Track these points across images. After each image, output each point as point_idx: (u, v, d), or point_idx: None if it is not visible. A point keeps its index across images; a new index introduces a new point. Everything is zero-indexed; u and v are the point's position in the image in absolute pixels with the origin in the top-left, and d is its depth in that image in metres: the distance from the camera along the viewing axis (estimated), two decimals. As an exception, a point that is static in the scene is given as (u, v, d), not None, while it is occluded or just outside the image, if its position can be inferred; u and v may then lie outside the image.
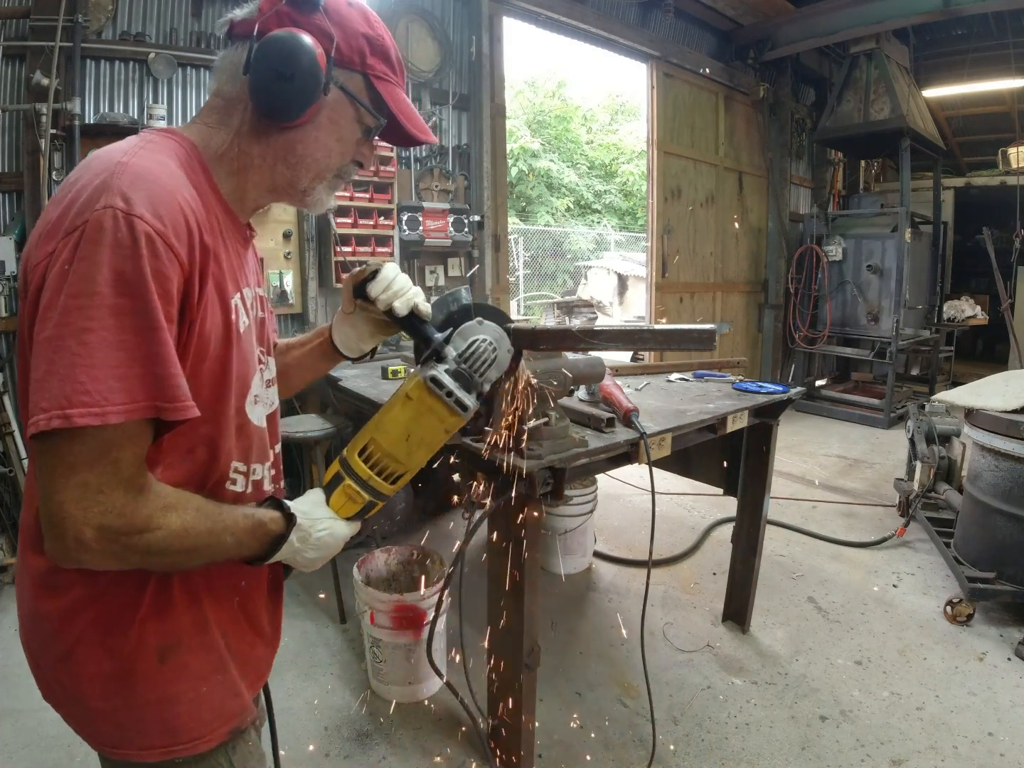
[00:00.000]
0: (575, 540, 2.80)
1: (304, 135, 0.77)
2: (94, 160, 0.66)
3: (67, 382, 0.56)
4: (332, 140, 0.79)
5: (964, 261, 8.29)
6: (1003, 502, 2.41)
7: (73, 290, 0.57)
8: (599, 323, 5.89)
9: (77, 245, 0.58)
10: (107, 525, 0.59)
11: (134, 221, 0.59)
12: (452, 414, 0.79)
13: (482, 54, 3.75)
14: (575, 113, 13.75)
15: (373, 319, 0.94)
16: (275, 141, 0.77)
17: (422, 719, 1.92)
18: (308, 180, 0.80)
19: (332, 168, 0.81)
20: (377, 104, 0.79)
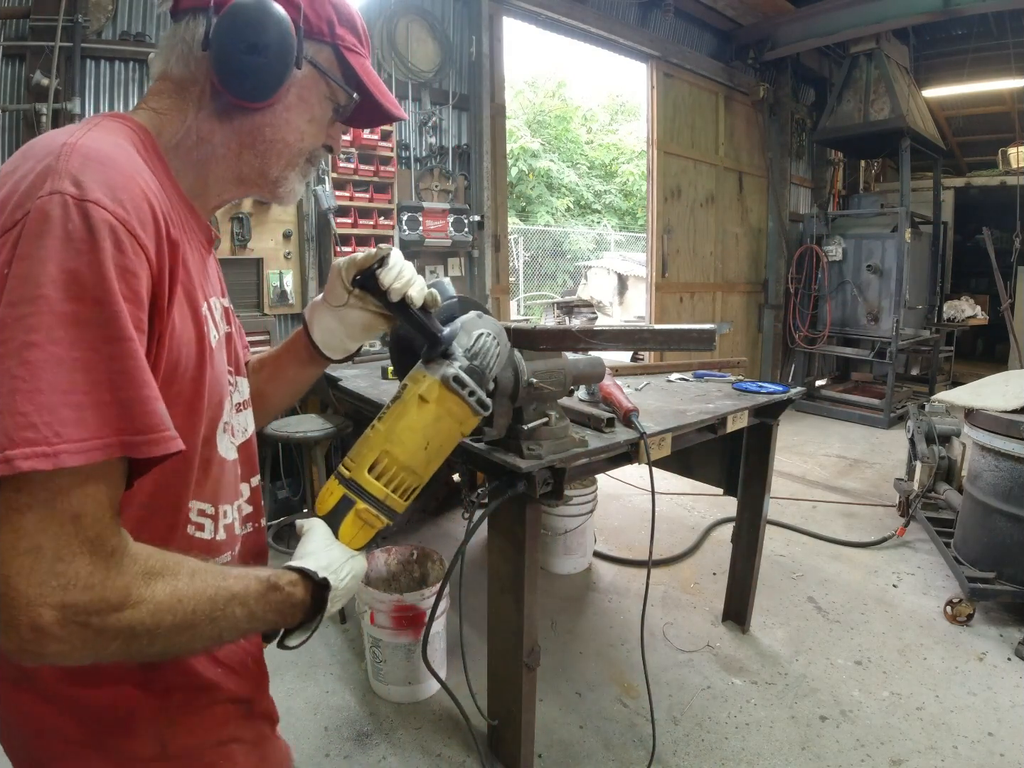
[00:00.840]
0: (575, 540, 2.80)
1: (273, 117, 0.68)
2: (34, 146, 0.54)
3: (5, 414, 0.43)
4: (303, 121, 0.70)
5: (964, 261, 8.30)
6: (1003, 502, 2.41)
7: (12, 297, 0.45)
8: (599, 323, 5.90)
9: (16, 243, 0.47)
10: (71, 603, 0.45)
11: (89, 208, 0.48)
12: (473, 414, 0.74)
13: (482, 54, 3.75)
14: (575, 113, 13.76)
15: (367, 312, 0.83)
16: (240, 125, 0.67)
17: (422, 719, 1.92)
18: (280, 168, 0.71)
19: (304, 152, 0.72)
20: (349, 78, 0.71)
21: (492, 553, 1.59)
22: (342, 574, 0.66)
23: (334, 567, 0.66)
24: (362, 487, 0.70)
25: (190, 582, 0.52)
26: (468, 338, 0.76)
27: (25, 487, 0.44)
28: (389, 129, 3.36)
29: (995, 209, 6.91)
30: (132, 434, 0.47)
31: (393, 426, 0.72)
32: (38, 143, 0.55)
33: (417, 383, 0.73)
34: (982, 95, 6.87)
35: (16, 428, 0.43)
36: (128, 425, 0.47)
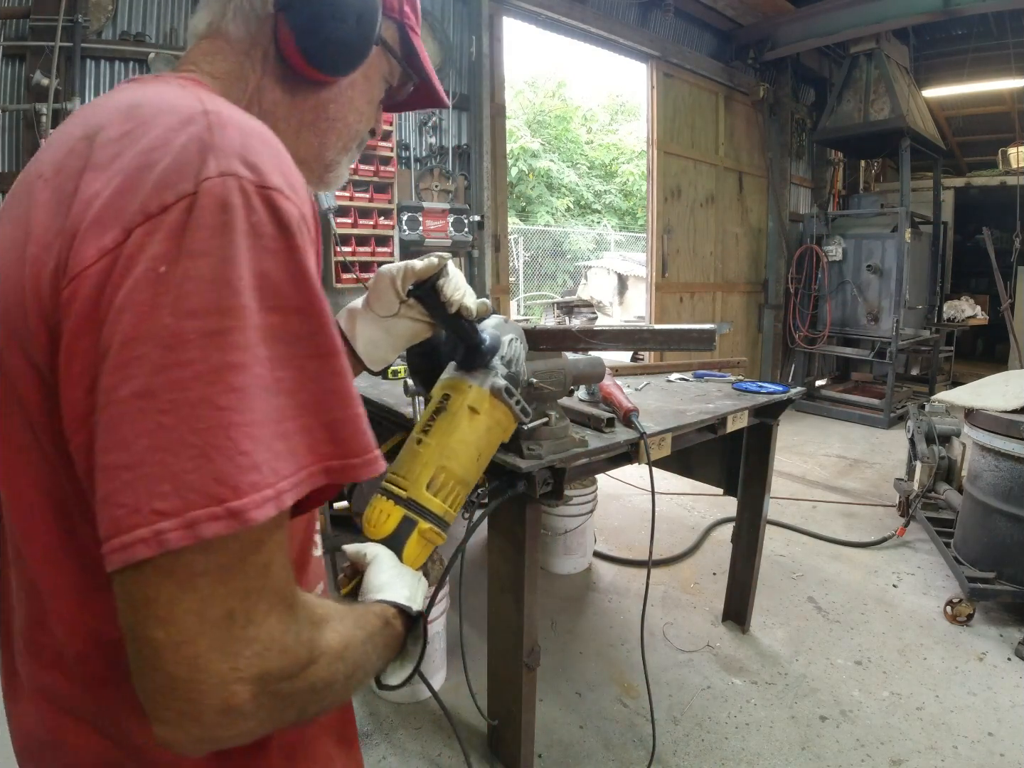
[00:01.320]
0: (575, 540, 2.80)
1: (339, 94, 0.61)
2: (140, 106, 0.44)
3: (219, 456, 0.35)
4: (364, 101, 0.64)
5: (964, 261, 8.30)
6: (1003, 502, 2.41)
7: (190, 305, 0.36)
8: (599, 323, 5.89)
9: (177, 234, 0.37)
10: (268, 671, 0.37)
11: (275, 198, 0.40)
12: (516, 422, 0.73)
13: (482, 54, 3.75)
14: (575, 113, 13.76)
15: (416, 322, 0.77)
16: (304, 101, 0.59)
17: (422, 719, 1.92)
18: (336, 151, 0.64)
19: (360, 136, 0.66)
20: (414, 60, 0.66)
21: (492, 553, 1.59)
22: (420, 601, 0.63)
23: (415, 595, 0.62)
24: (423, 506, 0.67)
25: (342, 625, 0.46)
26: (500, 345, 0.75)
27: (220, 544, 0.35)
28: (389, 128, 3.36)
29: (995, 209, 6.92)
30: (340, 458, 0.41)
31: (446, 440, 0.69)
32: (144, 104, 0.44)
33: (463, 394, 0.70)
34: (982, 95, 6.87)
35: (239, 471, 0.35)
36: (335, 449, 0.41)
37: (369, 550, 0.64)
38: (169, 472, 0.34)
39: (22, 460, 0.45)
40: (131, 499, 0.34)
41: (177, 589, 0.35)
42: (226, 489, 0.34)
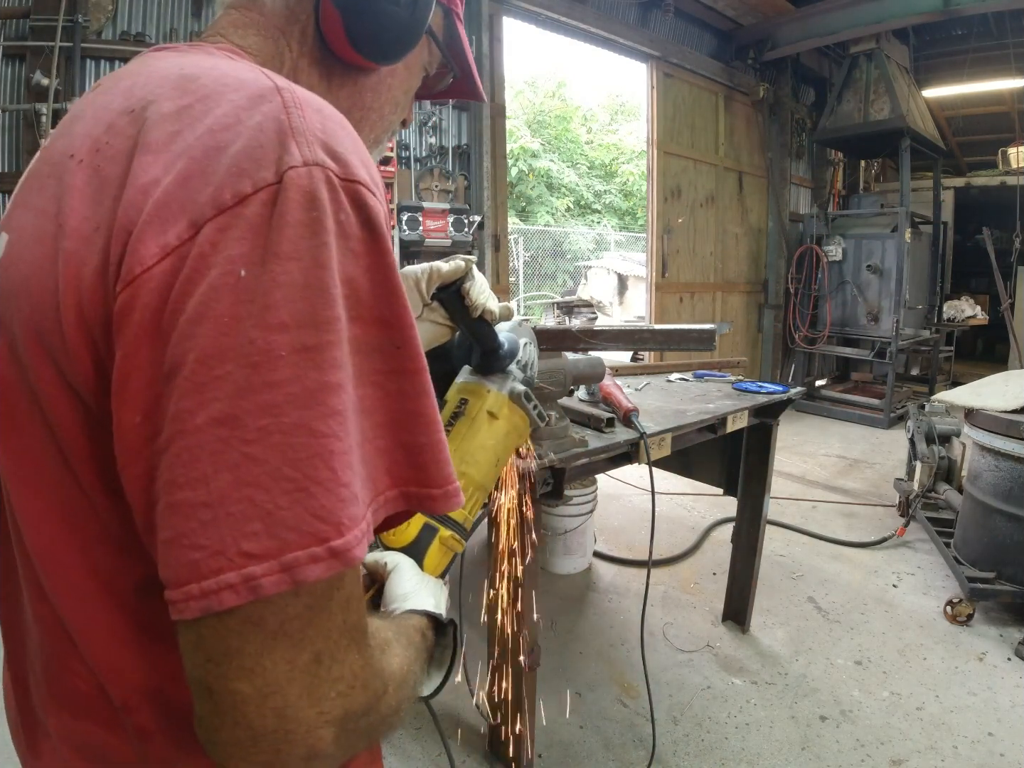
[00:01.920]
0: (575, 540, 2.80)
1: (378, 83, 0.56)
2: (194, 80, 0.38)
3: (321, 489, 0.31)
4: (402, 92, 0.59)
5: (964, 261, 8.30)
6: (1003, 502, 2.41)
7: (281, 316, 0.31)
8: (599, 323, 5.90)
9: (266, 229, 0.32)
10: (351, 711, 0.34)
11: (361, 193, 0.35)
12: (532, 427, 0.71)
13: (482, 54, 3.75)
14: (575, 113, 13.76)
15: (436, 325, 0.74)
16: (340, 88, 0.53)
17: (422, 719, 1.91)
18: (370, 143, 0.58)
19: (390, 128, 0.61)
20: (458, 49, 0.61)
21: (492, 553, 1.59)
22: (443, 607, 0.59)
23: (440, 603, 0.58)
24: (444, 514, 0.65)
25: (399, 646, 0.43)
26: (516, 349, 0.73)
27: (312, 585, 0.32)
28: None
29: (995, 209, 6.92)
30: (419, 485, 0.37)
31: (466, 446, 0.67)
32: (199, 77, 0.38)
33: (482, 398, 0.69)
34: (982, 95, 6.87)
35: (342, 505, 0.32)
36: (415, 475, 0.37)
37: (389, 559, 0.59)
38: (260, 510, 0.30)
39: (43, 487, 0.40)
40: (213, 540, 0.30)
41: (268, 638, 0.31)
42: (328, 527, 0.31)
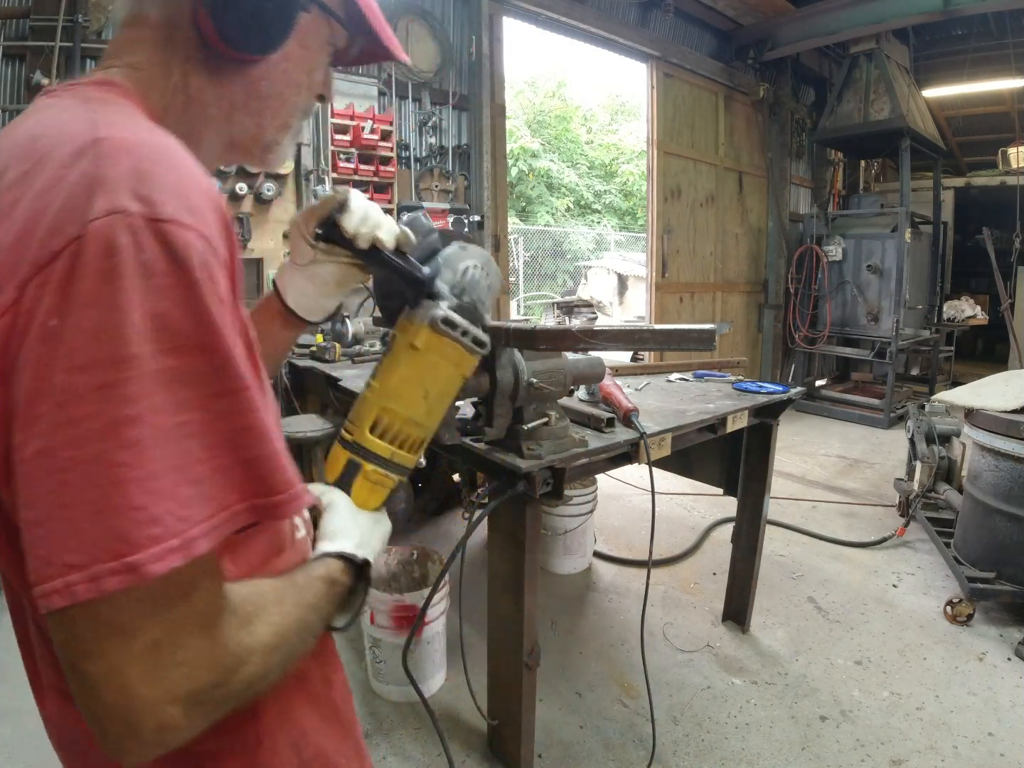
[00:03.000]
0: (575, 540, 2.80)
1: (270, 69, 0.56)
2: (36, 141, 0.42)
3: (115, 513, 0.35)
4: (302, 72, 0.59)
5: (964, 261, 8.30)
6: (1003, 502, 2.41)
7: (82, 359, 0.35)
8: (599, 323, 5.90)
9: (66, 285, 0.36)
10: (196, 689, 0.39)
11: (167, 230, 0.38)
12: (470, 354, 0.68)
13: (482, 54, 3.75)
14: (575, 113, 13.76)
15: (339, 265, 0.73)
16: (232, 81, 0.55)
17: (422, 719, 1.91)
18: (275, 130, 0.60)
19: (300, 108, 0.62)
20: (359, 20, 0.60)
21: (492, 553, 1.59)
22: (375, 544, 0.64)
23: (367, 540, 0.63)
24: (367, 448, 0.66)
25: (279, 610, 0.48)
26: (453, 273, 0.69)
27: (133, 591, 0.36)
28: (389, 129, 3.36)
29: (995, 209, 6.92)
30: (263, 496, 0.42)
31: (388, 381, 0.67)
32: (41, 137, 0.42)
33: (405, 332, 0.67)
34: (982, 95, 6.88)
35: (136, 526, 0.35)
36: (257, 488, 0.41)
37: (326, 496, 0.65)
38: (74, 528, 0.35)
39: None
40: (44, 552, 0.36)
41: (103, 629, 0.36)
42: (123, 545, 0.35)
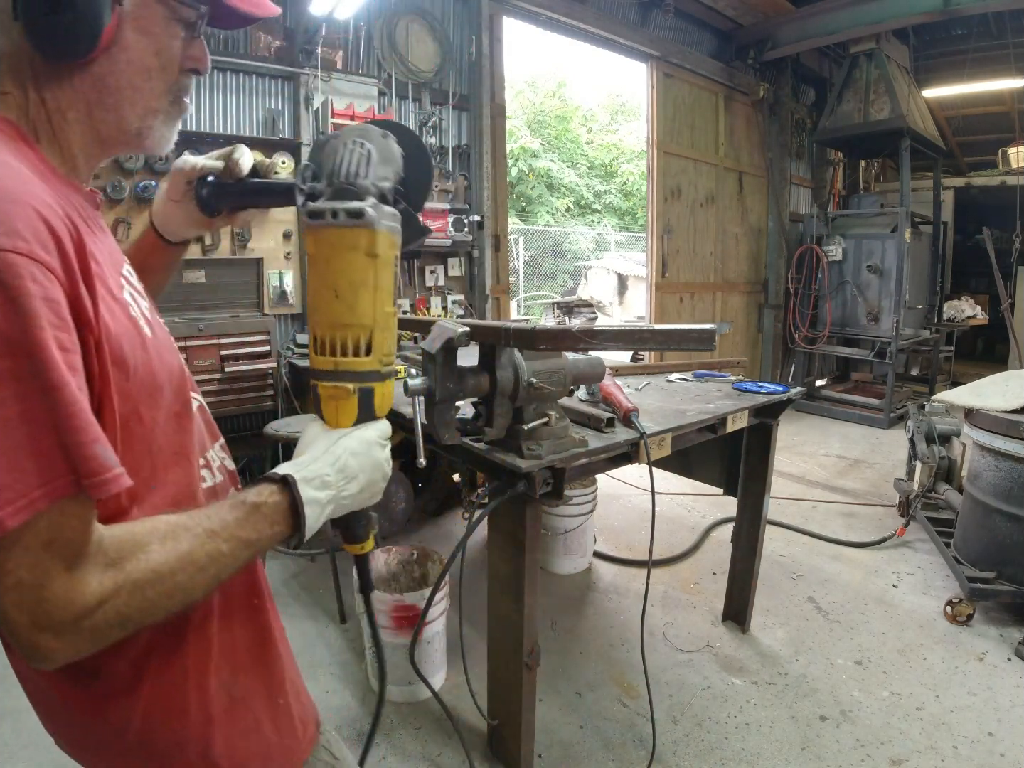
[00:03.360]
0: (575, 540, 2.80)
1: (111, 64, 0.60)
2: None
3: None
4: (149, 56, 0.62)
5: (964, 261, 8.30)
6: (1003, 502, 2.41)
7: None
8: (599, 323, 5.90)
9: None
10: (60, 621, 0.48)
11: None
12: (359, 230, 0.64)
13: (482, 54, 3.75)
14: (575, 113, 13.75)
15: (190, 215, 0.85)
16: (79, 84, 0.60)
17: (422, 719, 1.92)
18: (138, 116, 0.63)
19: (162, 91, 0.64)
20: None
21: (492, 553, 1.59)
22: (337, 450, 0.66)
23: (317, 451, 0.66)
24: (316, 369, 0.69)
25: (162, 547, 0.53)
26: (326, 163, 0.68)
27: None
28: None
29: (995, 209, 6.92)
30: (88, 477, 0.49)
31: (309, 299, 0.70)
32: None
33: (306, 242, 0.69)
34: (982, 95, 6.87)
35: None
36: (76, 468, 0.48)
37: (303, 426, 0.74)
38: None
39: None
40: None
41: None
42: None
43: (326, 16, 3.08)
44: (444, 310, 3.80)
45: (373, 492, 0.70)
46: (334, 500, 0.65)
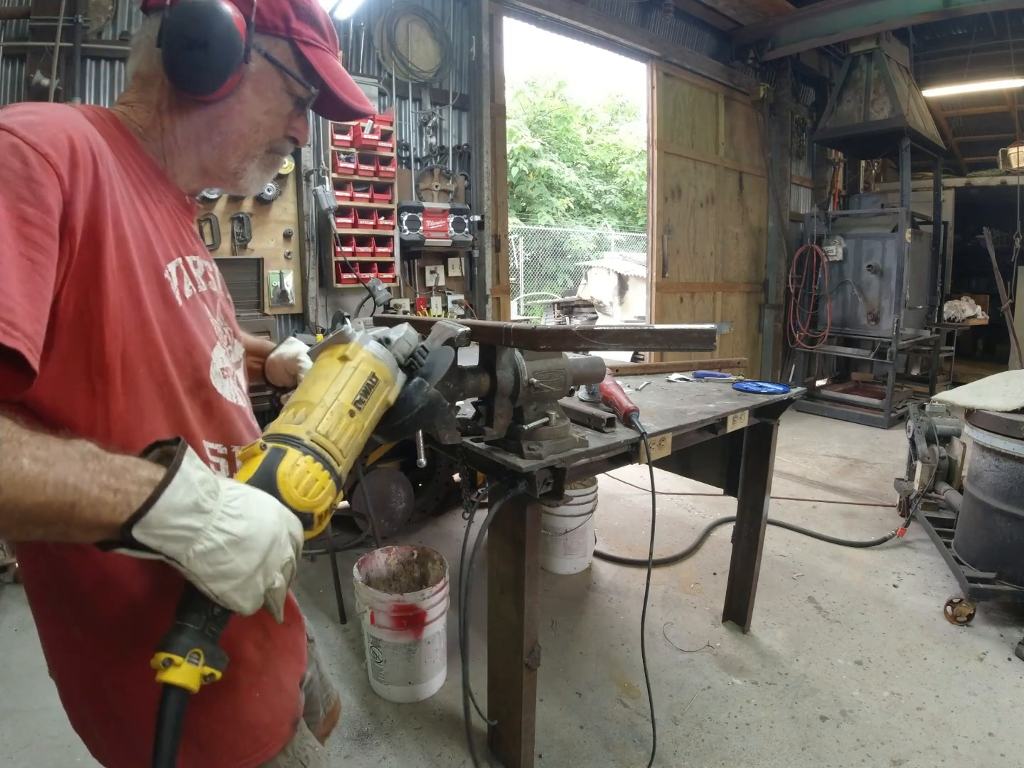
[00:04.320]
0: (575, 540, 2.80)
1: (228, 109, 0.71)
2: None
3: None
4: (259, 113, 0.73)
5: (964, 261, 8.29)
6: (1003, 502, 2.41)
7: None
8: (599, 323, 5.89)
9: None
10: None
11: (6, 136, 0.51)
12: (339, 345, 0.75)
13: (482, 54, 3.75)
14: (575, 113, 13.75)
15: None
16: (197, 118, 0.71)
17: (422, 719, 1.92)
18: (237, 159, 0.74)
19: (261, 144, 0.75)
20: (307, 72, 0.74)
21: (492, 553, 1.59)
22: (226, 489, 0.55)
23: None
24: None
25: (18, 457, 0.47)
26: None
27: None
28: (389, 129, 3.36)
29: (995, 209, 6.91)
30: None
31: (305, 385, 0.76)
32: None
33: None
34: (982, 95, 6.87)
35: None
36: None
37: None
38: None
39: None
40: None
41: None
42: None
43: (326, 16, 3.07)
44: (444, 310, 3.80)
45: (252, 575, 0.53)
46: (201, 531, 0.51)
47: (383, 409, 0.73)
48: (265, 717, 0.73)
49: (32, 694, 1.95)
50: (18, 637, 2.24)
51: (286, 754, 0.75)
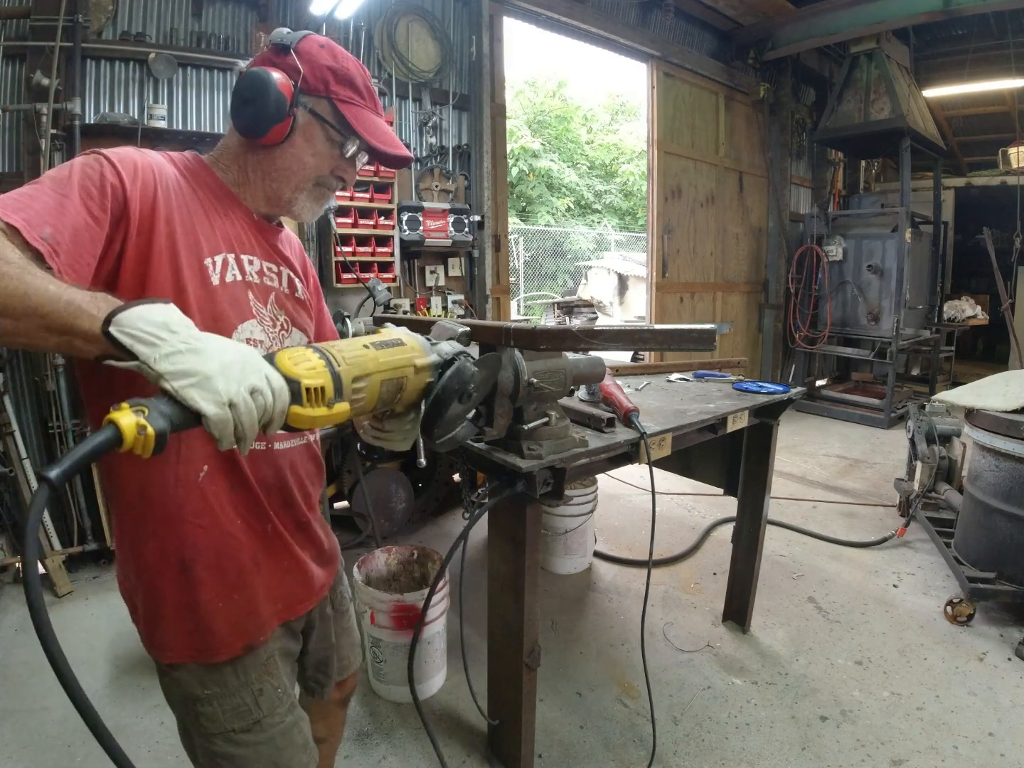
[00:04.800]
0: (575, 540, 2.80)
1: (282, 151, 0.92)
2: None
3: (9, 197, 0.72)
4: (307, 155, 0.93)
5: (964, 261, 8.29)
6: (1003, 502, 2.41)
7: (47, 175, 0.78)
8: (599, 323, 5.89)
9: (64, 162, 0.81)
10: None
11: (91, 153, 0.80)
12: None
13: (482, 54, 3.75)
14: (575, 113, 13.75)
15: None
16: (259, 158, 0.93)
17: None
18: (290, 191, 0.95)
19: (310, 179, 0.95)
20: (342, 124, 0.92)
21: (492, 553, 1.59)
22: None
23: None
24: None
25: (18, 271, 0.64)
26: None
27: None
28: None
29: (995, 209, 6.91)
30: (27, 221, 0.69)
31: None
32: None
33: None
34: (982, 95, 6.87)
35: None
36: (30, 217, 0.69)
37: None
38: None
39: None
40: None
41: None
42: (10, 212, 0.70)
43: (326, 16, 3.08)
44: (444, 310, 3.80)
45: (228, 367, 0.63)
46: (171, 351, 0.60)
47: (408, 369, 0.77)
48: (220, 626, 0.88)
49: (32, 694, 1.95)
50: (18, 637, 2.24)
51: (236, 674, 0.90)
